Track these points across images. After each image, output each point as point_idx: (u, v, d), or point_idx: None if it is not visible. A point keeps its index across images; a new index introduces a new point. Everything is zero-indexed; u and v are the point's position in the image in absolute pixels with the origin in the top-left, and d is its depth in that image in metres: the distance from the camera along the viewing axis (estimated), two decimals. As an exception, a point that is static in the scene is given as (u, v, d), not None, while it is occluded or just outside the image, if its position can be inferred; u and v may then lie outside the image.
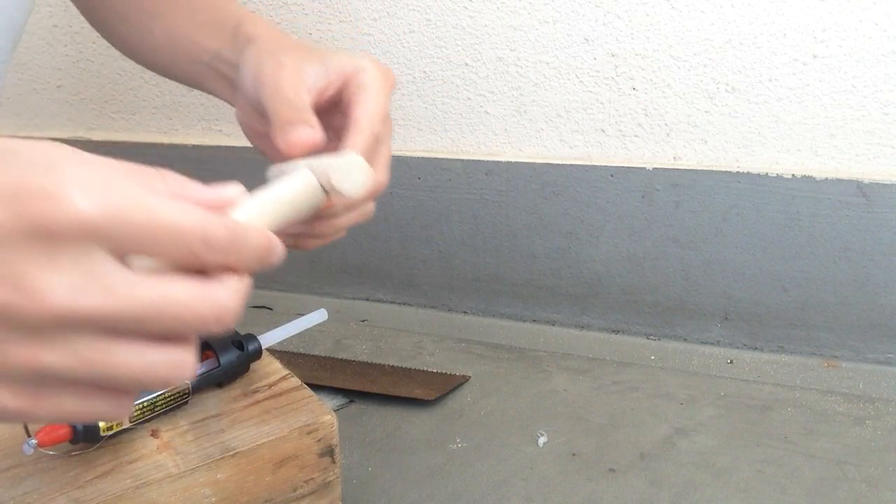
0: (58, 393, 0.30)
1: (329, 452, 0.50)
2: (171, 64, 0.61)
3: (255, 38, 0.52)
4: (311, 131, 0.45)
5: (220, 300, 0.30)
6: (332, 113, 0.50)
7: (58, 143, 0.29)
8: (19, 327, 0.27)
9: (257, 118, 0.52)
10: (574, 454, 0.62)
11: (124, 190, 0.28)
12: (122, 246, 0.28)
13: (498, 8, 0.78)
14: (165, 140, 0.97)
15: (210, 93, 0.59)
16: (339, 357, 0.78)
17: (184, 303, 0.29)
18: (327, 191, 0.39)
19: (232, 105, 0.56)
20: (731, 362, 0.77)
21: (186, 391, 0.49)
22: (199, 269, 0.31)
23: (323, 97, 0.49)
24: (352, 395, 0.70)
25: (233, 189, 0.34)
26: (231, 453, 0.47)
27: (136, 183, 0.29)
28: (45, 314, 0.27)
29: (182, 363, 0.31)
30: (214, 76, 0.56)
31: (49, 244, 0.27)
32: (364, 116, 0.47)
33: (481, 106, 0.82)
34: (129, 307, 0.28)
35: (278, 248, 0.33)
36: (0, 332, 0.27)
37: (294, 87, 0.47)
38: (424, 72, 0.83)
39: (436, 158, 0.84)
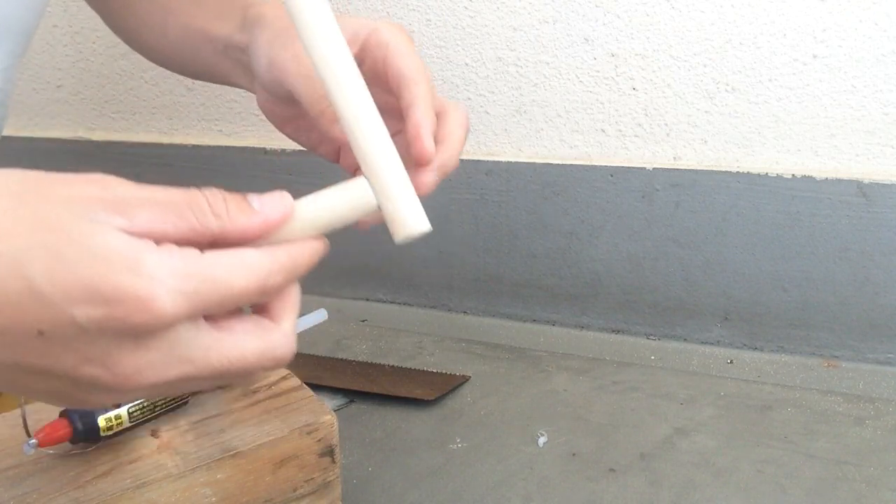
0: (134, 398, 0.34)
1: (329, 452, 0.50)
2: (192, 60, 0.60)
3: (261, 18, 0.50)
4: None
5: (279, 353, 0.33)
6: None
7: (105, 187, 0.30)
8: (109, 390, 0.31)
9: (280, 104, 0.51)
10: (574, 454, 0.62)
11: (201, 273, 0.30)
12: (199, 314, 0.31)
13: (498, 8, 0.78)
14: (165, 140, 0.97)
15: (234, 85, 0.57)
16: (339, 357, 0.78)
17: (248, 360, 0.32)
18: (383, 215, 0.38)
19: (253, 91, 0.54)
20: (731, 362, 0.77)
21: (186, 391, 0.49)
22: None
23: None
24: (352, 395, 0.70)
25: (282, 204, 0.34)
26: (231, 453, 0.47)
27: (185, 225, 0.31)
28: (135, 389, 0.30)
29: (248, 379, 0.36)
30: (232, 65, 0.55)
31: (139, 335, 0.29)
32: (407, 66, 0.44)
33: (481, 106, 0.82)
34: (202, 372, 0.31)
35: (324, 251, 0.36)
36: (92, 390, 0.31)
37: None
38: (424, 72, 0.82)
39: (436, 158, 0.84)
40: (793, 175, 0.72)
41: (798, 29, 0.70)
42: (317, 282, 0.94)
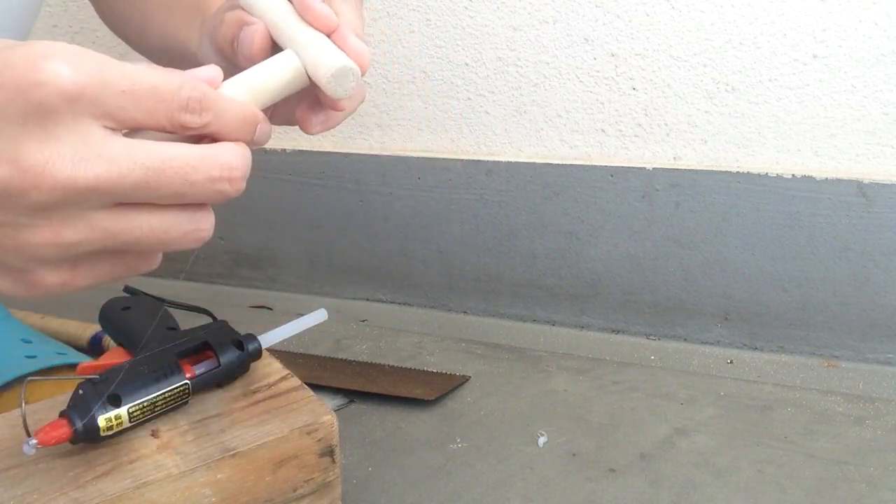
0: (90, 263, 0.31)
1: (329, 452, 0.50)
2: (176, 67, 0.60)
3: (205, 36, 0.50)
4: (250, 28, 0.41)
5: (224, 158, 0.31)
6: None
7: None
8: (30, 207, 0.28)
9: None
10: (574, 454, 0.62)
11: (103, 59, 0.29)
12: (112, 115, 0.29)
13: (498, 8, 0.78)
14: (165, 140, 0.97)
15: None
16: (339, 357, 0.78)
17: (187, 161, 0.30)
18: (313, 81, 0.39)
19: None
20: (731, 362, 0.77)
21: (186, 391, 0.49)
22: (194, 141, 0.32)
23: None
24: (352, 395, 0.70)
25: (210, 70, 0.34)
26: (231, 453, 0.47)
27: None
28: (51, 189, 0.28)
29: (201, 219, 0.32)
30: None
31: (41, 115, 0.27)
32: None
33: (481, 106, 0.82)
34: (131, 172, 0.29)
35: (261, 119, 0.34)
36: (14, 215, 0.28)
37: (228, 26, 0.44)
38: (424, 72, 0.83)
39: (436, 158, 0.84)
40: (793, 175, 0.72)
41: (798, 29, 0.70)
42: (317, 282, 0.94)
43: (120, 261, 0.32)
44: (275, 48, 0.42)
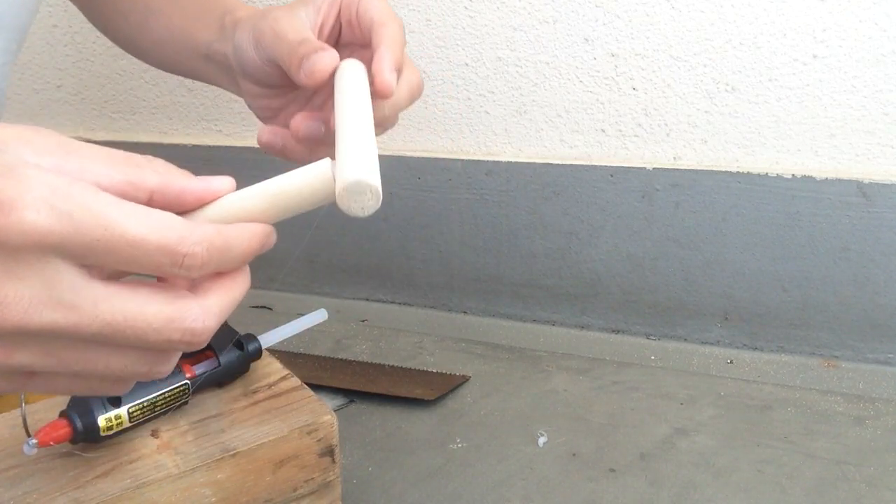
0: (47, 377, 0.30)
1: (329, 452, 0.50)
2: (175, 60, 0.61)
3: (239, 22, 0.52)
4: (327, 54, 0.44)
5: (190, 323, 0.29)
6: (340, 50, 0.49)
7: (39, 133, 0.28)
8: None
9: (270, 96, 0.52)
10: (574, 454, 0.62)
11: (85, 201, 0.26)
12: (84, 259, 0.27)
13: (498, 8, 0.78)
14: (165, 140, 0.97)
15: (215, 84, 0.59)
16: (339, 357, 0.78)
17: (149, 323, 0.28)
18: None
19: (237, 95, 0.56)
20: (731, 362, 0.77)
21: (186, 391, 0.49)
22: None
23: (325, 33, 0.49)
24: (352, 395, 0.70)
25: (223, 182, 0.33)
26: (231, 453, 0.47)
27: (120, 177, 0.29)
28: (6, 325, 0.26)
29: (162, 362, 0.31)
30: (215, 68, 0.56)
31: (6, 255, 0.26)
32: (377, 11, 0.46)
33: (481, 106, 0.82)
34: (89, 325, 0.27)
35: (269, 241, 0.33)
36: None
37: (295, 28, 0.47)
38: (424, 72, 0.83)
39: (436, 158, 0.84)
40: (793, 175, 0.72)
41: (798, 29, 0.70)
42: (317, 282, 0.94)
43: (80, 381, 0.31)
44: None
